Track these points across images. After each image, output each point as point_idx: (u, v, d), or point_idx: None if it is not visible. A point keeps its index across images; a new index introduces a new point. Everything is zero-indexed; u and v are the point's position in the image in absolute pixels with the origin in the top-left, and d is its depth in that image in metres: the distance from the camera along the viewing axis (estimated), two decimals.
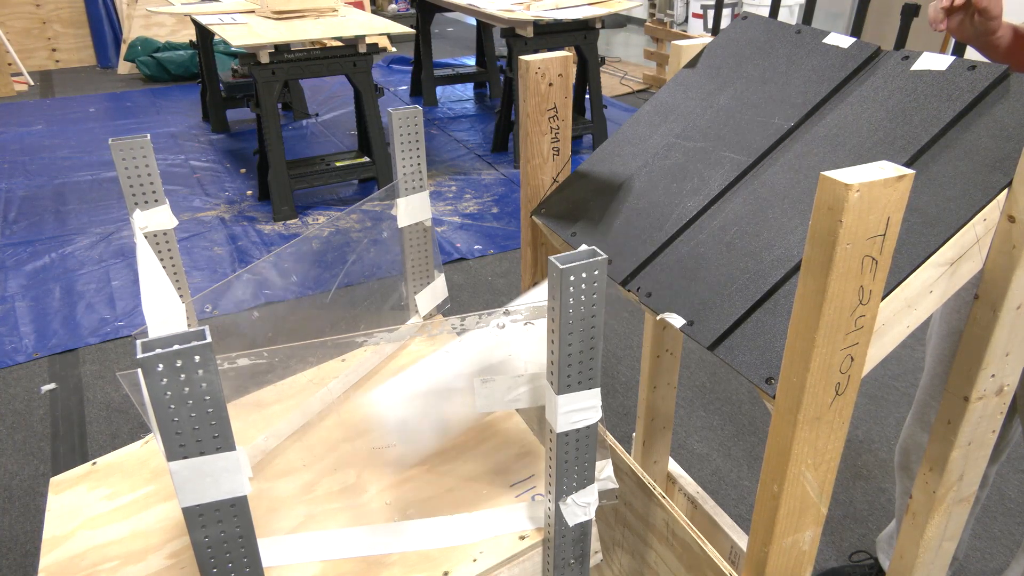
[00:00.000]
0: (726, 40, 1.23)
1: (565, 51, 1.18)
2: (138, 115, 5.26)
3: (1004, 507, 1.95)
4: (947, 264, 0.83)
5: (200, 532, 0.66)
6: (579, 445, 0.81)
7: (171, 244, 1.08)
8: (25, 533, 1.90)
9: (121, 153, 1.00)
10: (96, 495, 0.98)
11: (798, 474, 0.79)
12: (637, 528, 1.16)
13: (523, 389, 0.85)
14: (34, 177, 4.16)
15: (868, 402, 2.36)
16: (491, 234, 3.53)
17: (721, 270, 0.92)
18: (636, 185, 1.11)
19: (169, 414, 0.60)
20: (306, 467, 1.02)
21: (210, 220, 3.63)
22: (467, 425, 1.06)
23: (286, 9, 3.72)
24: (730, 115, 1.11)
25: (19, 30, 6.36)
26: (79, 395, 2.42)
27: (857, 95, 1.01)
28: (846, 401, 0.77)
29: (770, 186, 0.97)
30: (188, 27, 6.13)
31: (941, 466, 1.01)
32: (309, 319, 1.17)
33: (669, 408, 1.55)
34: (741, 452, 2.17)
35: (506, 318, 0.83)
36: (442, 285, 1.29)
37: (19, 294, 2.98)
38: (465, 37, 7.90)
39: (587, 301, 0.72)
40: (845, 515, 1.95)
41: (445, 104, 5.56)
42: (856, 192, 0.63)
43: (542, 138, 1.16)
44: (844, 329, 0.71)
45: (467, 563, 0.87)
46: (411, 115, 1.14)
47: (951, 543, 1.12)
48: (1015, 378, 0.97)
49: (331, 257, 3.35)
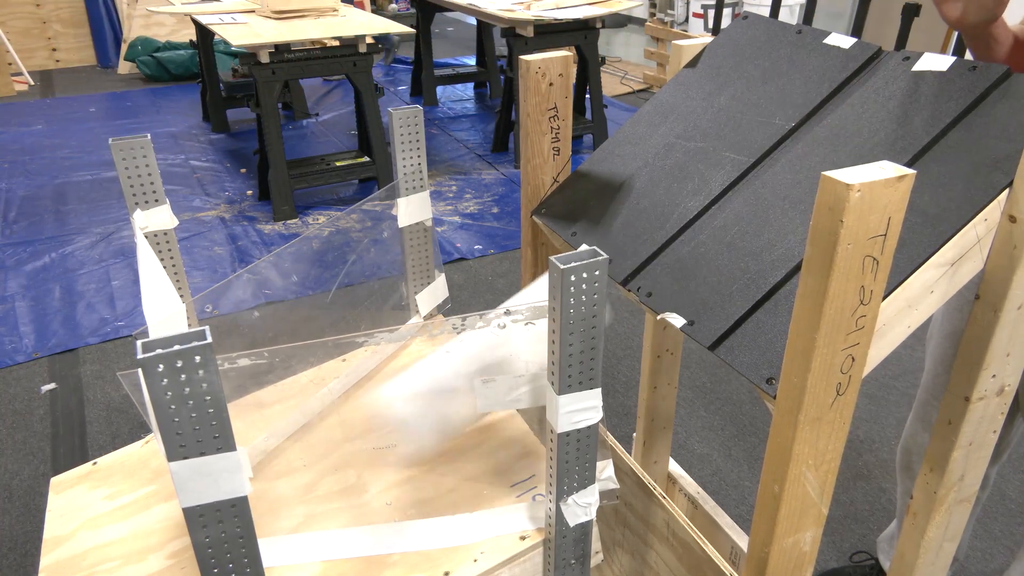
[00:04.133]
0: (727, 40, 1.23)
1: (565, 51, 1.18)
2: (138, 115, 5.26)
3: (1005, 507, 1.95)
4: (948, 264, 0.83)
5: (200, 532, 0.66)
6: (580, 445, 0.81)
7: (171, 244, 1.08)
8: (25, 533, 1.90)
9: (121, 153, 1.00)
10: (97, 495, 0.98)
11: (799, 474, 0.79)
12: (638, 528, 1.16)
13: (524, 389, 0.85)
14: (34, 177, 4.15)
15: (869, 402, 2.36)
16: (491, 234, 3.53)
17: (722, 270, 0.92)
18: (636, 185, 1.11)
19: (169, 414, 0.60)
20: (306, 467, 1.01)
21: (210, 220, 3.63)
22: (469, 424, 1.06)
23: (286, 9, 3.72)
24: (731, 115, 1.11)
25: (19, 30, 6.36)
26: (79, 395, 2.42)
27: (858, 95, 1.01)
28: (847, 401, 0.77)
29: (771, 186, 0.97)
30: (188, 27, 6.12)
31: (942, 466, 1.01)
32: (309, 319, 1.17)
33: (669, 408, 1.55)
34: (742, 452, 2.17)
35: (507, 318, 0.83)
36: (442, 285, 1.28)
37: (19, 294, 2.98)
38: (465, 37, 7.90)
39: (588, 301, 0.72)
40: (846, 515, 1.94)
41: (445, 104, 5.56)
42: (857, 192, 0.63)
43: (542, 138, 1.16)
44: (845, 329, 0.71)
45: (468, 563, 0.87)
46: (411, 115, 1.14)
47: (952, 544, 1.12)
48: (1016, 378, 0.97)
49: (331, 257, 3.35)
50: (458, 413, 0.97)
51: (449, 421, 0.99)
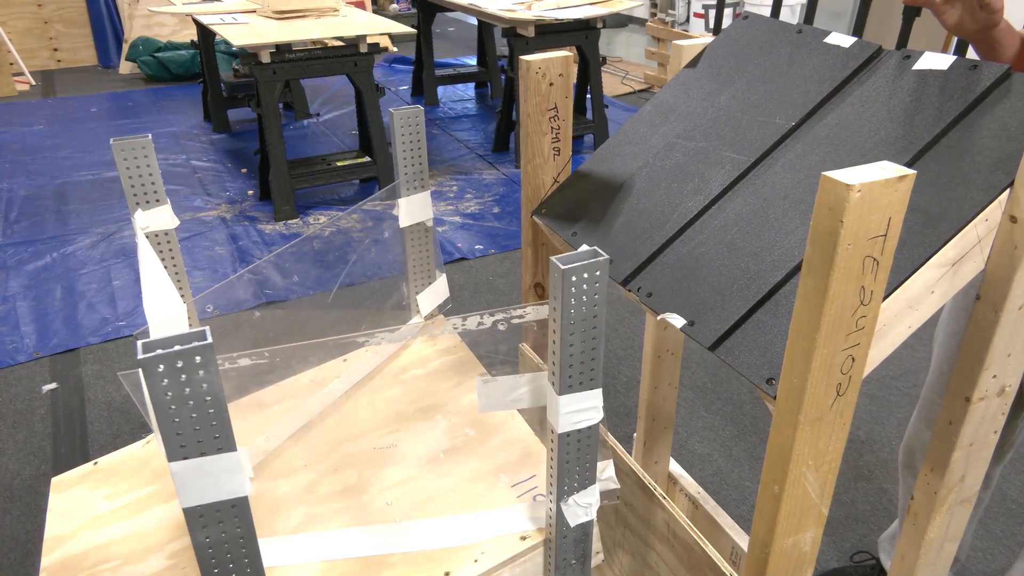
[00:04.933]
0: (727, 40, 1.23)
1: (566, 51, 1.18)
2: (139, 115, 5.27)
3: (1006, 507, 1.95)
4: (948, 264, 0.83)
5: (201, 533, 0.66)
6: (580, 445, 0.81)
7: (172, 244, 1.08)
8: (26, 533, 1.90)
9: (123, 153, 1.00)
10: (97, 495, 0.98)
11: (799, 475, 0.79)
12: (638, 529, 1.16)
13: (524, 389, 0.85)
14: (35, 177, 4.16)
15: (869, 402, 2.36)
16: (492, 234, 3.53)
17: (722, 270, 0.92)
18: (637, 185, 1.11)
19: (170, 414, 0.60)
20: (307, 467, 1.02)
21: (211, 220, 3.63)
22: None
23: (287, 9, 3.72)
24: (731, 115, 1.11)
25: (21, 30, 6.36)
26: (80, 395, 2.42)
27: (858, 95, 1.01)
28: (847, 402, 0.77)
29: (771, 186, 0.97)
30: (189, 27, 6.13)
31: (943, 467, 1.01)
32: (310, 319, 1.17)
33: (670, 408, 1.55)
34: (742, 452, 2.17)
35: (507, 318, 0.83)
36: (443, 285, 1.28)
37: (20, 294, 2.98)
38: (466, 37, 7.90)
39: (588, 301, 0.72)
40: (846, 516, 1.94)
41: (446, 104, 5.56)
42: (857, 192, 0.63)
43: (543, 138, 1.16)
44: (845, 330, 0.71)
45: (468, 563, 0.87)
46: (412, 115, 1.14)
47: (952, 544, 1.12)
48: (1017, 379, 0.97)
49: (332, 257, 3.35)
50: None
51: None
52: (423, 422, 1.09)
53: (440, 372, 1.20)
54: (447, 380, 1.18)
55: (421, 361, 1.23)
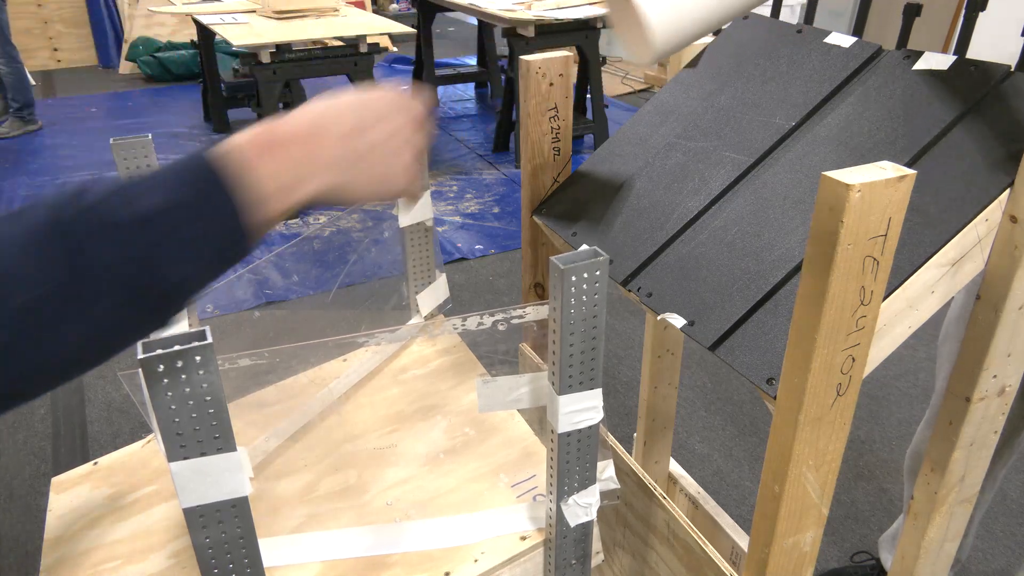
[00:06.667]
0: (727, 40, 1.23)
1: (566, 51, 1.18)
2: (139, 115, 5.27)
3: (1006, 507, 1.95)
4: (949, 264, 0.83)
5: (201, 533, 0.66)
6: (580, 446, 0.81)
7: None
8: (26, 533, 1.90)
9: (122, 153, 1.00)
10: (98, 495, 0.98)
11: (799, 475, 0.79)
12: (638, 529, 1.16)
13: (524, 389, 0.85)
14: (35, 177, 4.16)
15: (870, 402, 2.36)
16: (492, 234, 3.53)
17: (722, 270, 0.92)
18: (637, 185, 1.11)
19: (170, 415, 0.60)
20: (307, 467, 1.02)
21: None
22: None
23: (287, 9, 3.72)
24: (731, 115, 1.11)
25: (21, 30, 6.36)
26: (80, 395, 2.42)
27: (858, 95, 1.01)
28: (847, 402, 0.77)
29: (771, 186, 0.97)
30: (189, 27, 6.13)
31: (943, 467, 1.01)
32: (310, 319, 1.17)
33: (670, 408, 1.55)
34: (742, 452, 2.17)
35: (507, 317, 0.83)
36: (443, 285, 1.28)
37: None
38: (466, 37, 7.90)
39: (588, 301, 0.72)
40: (847, 515, 1.94)
41: (446, 104, 5.56)
42: (857, 192, 0.63)
43: (543, 138, 1.16)
44: (845, 330, 0.71)
45: (468, 563, 0.87)
46: None
47: (953, 544, 1.12)
48: (1017, 379, 0.97)
49: (332, 257, 3.35)
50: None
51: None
52: (423, 422, 1.09)
53: (440, 372, 1.20)
54: (447, 380, 1.18)
55: (421, 361, 1.23)
